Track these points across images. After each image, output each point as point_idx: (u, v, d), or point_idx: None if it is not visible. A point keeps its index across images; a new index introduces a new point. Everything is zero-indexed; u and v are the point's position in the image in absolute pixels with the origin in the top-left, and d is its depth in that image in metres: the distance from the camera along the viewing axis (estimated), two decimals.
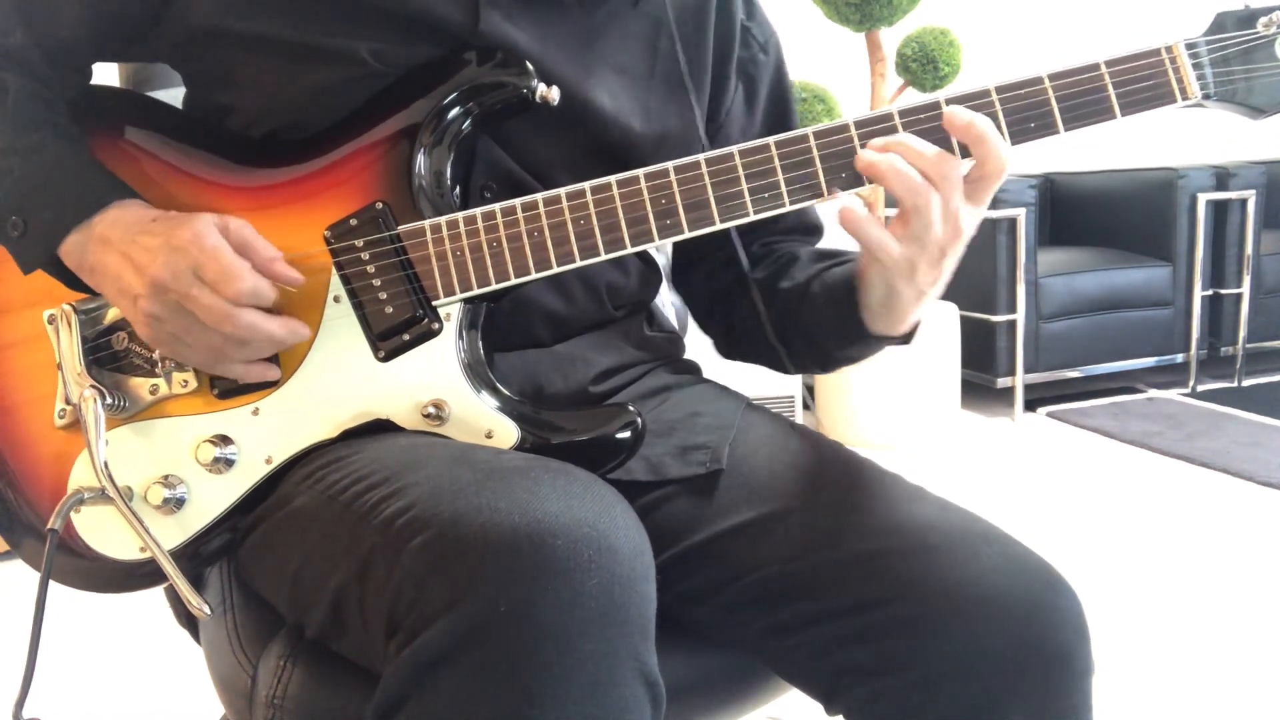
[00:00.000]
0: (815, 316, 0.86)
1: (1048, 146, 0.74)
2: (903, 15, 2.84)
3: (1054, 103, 0.73)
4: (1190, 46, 0.73)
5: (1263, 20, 0.73)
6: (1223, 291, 3.57)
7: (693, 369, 0.97)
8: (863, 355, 0.87)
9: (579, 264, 0.75)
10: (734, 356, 0.99)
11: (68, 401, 0.79)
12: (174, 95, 0.90)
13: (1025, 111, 0.73)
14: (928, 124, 0.73)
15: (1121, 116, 0.73)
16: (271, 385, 0.77)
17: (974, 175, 0.72)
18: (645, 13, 0.86)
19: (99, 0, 0.80)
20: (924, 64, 2.87)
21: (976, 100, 0.73)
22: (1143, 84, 0.73)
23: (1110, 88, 0.73)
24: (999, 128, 0.72)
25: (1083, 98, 0.73)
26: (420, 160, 0.76)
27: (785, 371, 0.94)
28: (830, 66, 3.13)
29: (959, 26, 2.96)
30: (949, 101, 0.73)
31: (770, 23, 0.96)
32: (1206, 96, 0.74)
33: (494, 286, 0.75)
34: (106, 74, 0.89)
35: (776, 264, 0.92)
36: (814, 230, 0.98)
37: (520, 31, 0.79)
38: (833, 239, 0.95)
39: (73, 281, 0.77)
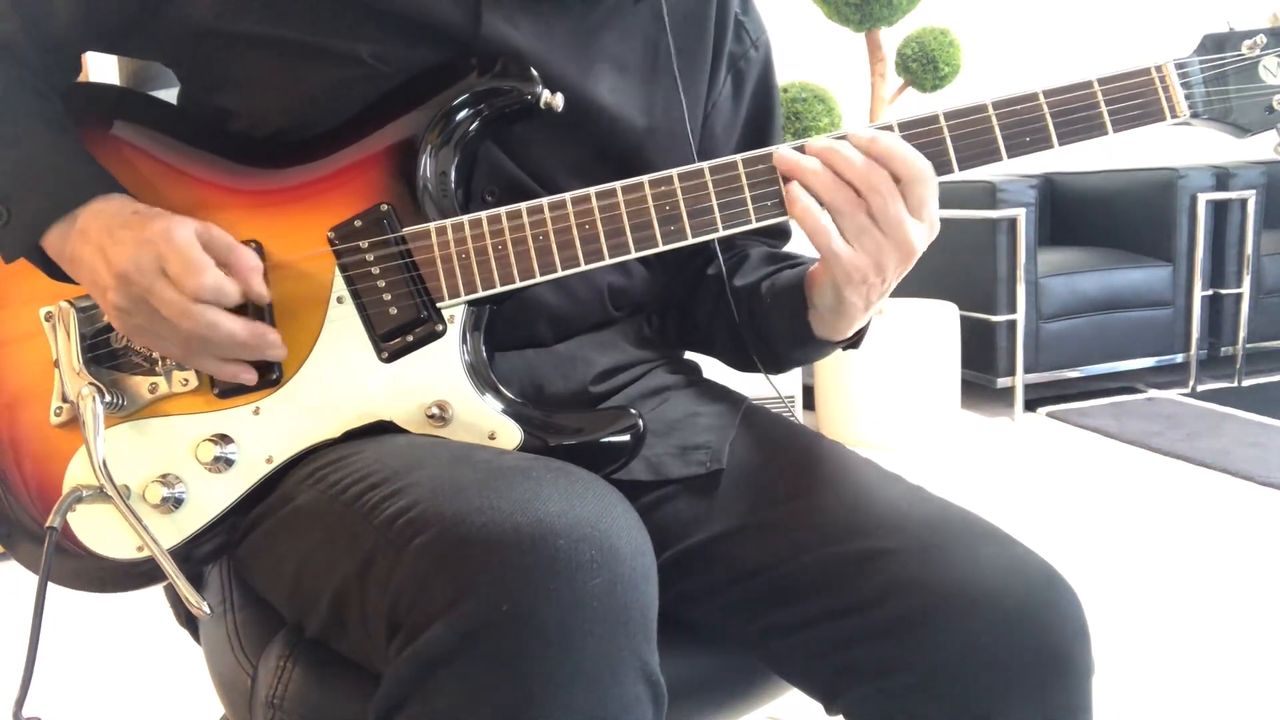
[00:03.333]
0: (765, 317, 0.87)
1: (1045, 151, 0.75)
2: (903, 15, 2.84)
3: (1048, 118, 0.74)
4: (1180, 66, 0.75)
5: (1247, 42, 0.76)
6: (1223, 291, 3.57)
7: (693, 369, 0.97)
8: (812, 358, 0.89)
9: (583, 268, 0.75)
10: (691, 348, 1.00)
11: (64, 399, 0.79)
12: (174, 95, 0.90)
13: (1020, 126, 0.74)
14: (926, 135, 0.74)
15: (1113, 133, 0.75)
16: (273, 384, 0.77)
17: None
18: (647, 7, 0.86)
19: None
20: (924, 64, 2.87)
21: (973, 115, 0.74)
22: (1134, 102, 0.75)
23: (1103, 104, 0.74)
24: (996, 141, 0.74)
25: (1076, 114, 0.74)
26: (425, 163, 0.76)
27: (740, 369, 0.95)
28: (830, 66, 3.13)
29: (959, 26, 2.96)
30: (947, 117, 0.74)
31: (762, 20, 0.96)
32: (1194, 115, 0.76)
33: (498, 289, 0.75)
34: (107, 73, 0.89)
35: (731, 261, 0.93)
36: (780, 234, 0.98)
37: (521, 32, 0.79)
38: (798, 244, 0.95)
39: (55, 272, 0.77)
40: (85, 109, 0.82)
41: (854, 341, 0.86)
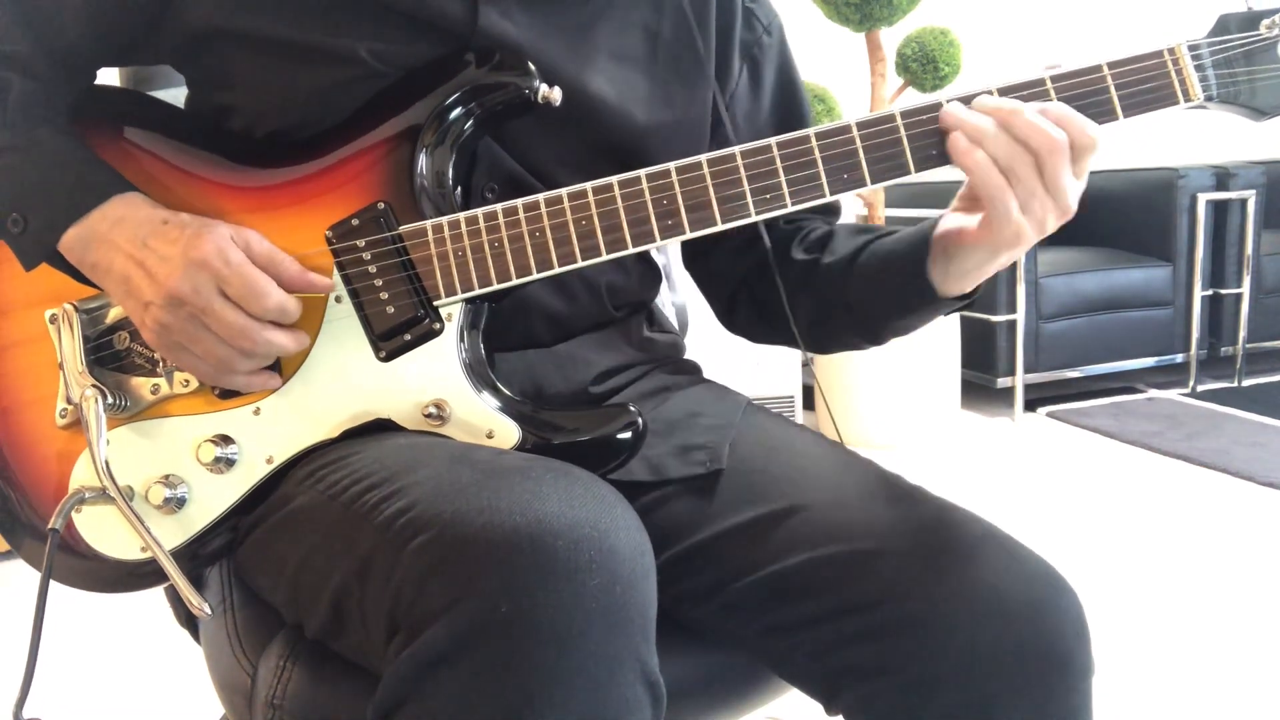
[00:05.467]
0: (866, 287, 0.85)
1: None
2: (903, 15, 2.84)
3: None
4: (1193, 48, 0.73)
5: (1265, 22, 0.74)
6: (1223, 291, 3.56)
7: (693, 369, 0.97)
8: (919, 324, 0.86)
9: (580, 264, 0.75)
10: (763, 339, 0.98)
11: (69, 401, 0.79)
12: (174, 95, 0.90)
13: None
14: (928, 125, 0.73)
15: (1124, 118, 0.73)
16: None
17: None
18: None
19: (101, 4, 0.80)
20: (924, 64, 2.87)
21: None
22: (1145, 85, 0.73)
23: (1113, 89, 0.73)
24: None
25: (1085, 99, 0.73)
26: (422, 160, 0.76)
27: (820, 351, 0.93)
28: (830, 66, 3.13)
29: (959, 26, 2.96)
30: (951, 101, 0.73)
31: (772, 5, 0.95)
32: (1209, 98, 0.74)
33: (495, 286, 0.75)
34: (107, 72, 0.89)
35: (811, 241, 0.91)
36: (833, 210, 0.97)
37: (518, 26, 0.79)
38: (847, 218, 0.95)
39: (80, 276, 0.77)
40: (89, 112, 0.82)
41: (970, 296, 0.81)
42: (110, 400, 0.77)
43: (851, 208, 3.40)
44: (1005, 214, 0.71)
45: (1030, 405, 3.34)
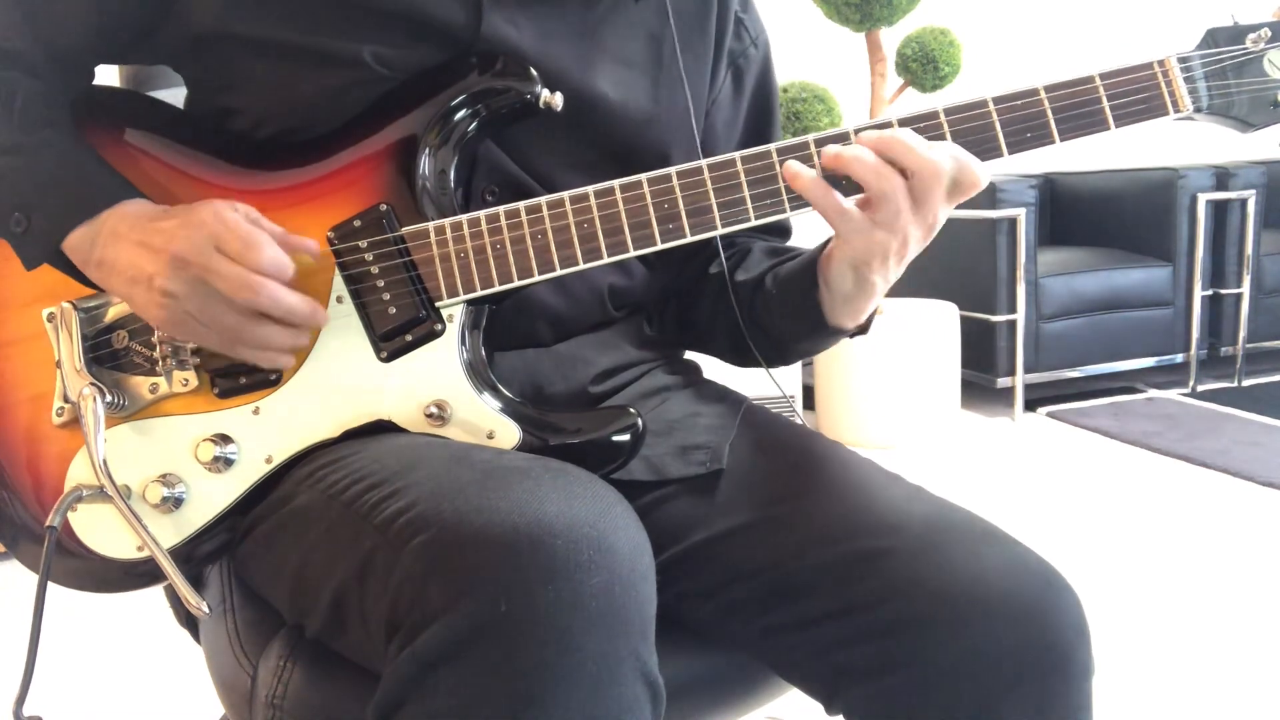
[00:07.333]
0: (770, 310, 0.87)
1: (1046, 147, 0.75)
2: (903, 15, 2.84)
3: (1050, 114, 0.74)
4: (1183, 60, 0.75)
5: (1251, 36, 0.75)
6: (1223, 291, 3.57)
7: (692, 369, 0.97)
8: (821, 348, 0.89)
9: (581, 267, 0.75)
10: (690, 347, 1.00)
11: (66, 399, 0.79)
12: (174, 95, 0.90)
13: (1022, 122, 0.74)
14: (927, 133, 0.74)
15: (1115, 128, 0.75)
16: (273, 384, 0.77)
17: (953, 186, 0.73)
18: (648, 5, 0.86)
19: (103, 4, 0.80)
20: (924, 64, 2.87)
21: (974, 111, 0.74)
22: (1136, 96, 0.74)
23: (1104, 100, 0.74)
24: (997, 138, 0.74)
25: (1077, 109, 0.74)
26: (424, 163, 0.76)
27: (742, 365, 0.96)
28: (830, 66, 3.13)
29: (959, 26, 2.96)
30: (948, 113, 0.74)
31: (760, 19, 0.96)
32: (1198, 110, 0.75)
33: (497, 288, 0.75)
34: (106, 73, 0.89)
35: (733, 257, 0.93)
36: (781, 231, 0.98)
37: (522, 32, 0.79)
38: (802, 239, 0.96)
39: (80, 276, 0.77)
40: (91, 113, 0.82)
41: (864, 326, 0.85)
42: (108, 399, 0.77)
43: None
44: (857, 224, 0.73)
45: (1030, 405, 3.34)
